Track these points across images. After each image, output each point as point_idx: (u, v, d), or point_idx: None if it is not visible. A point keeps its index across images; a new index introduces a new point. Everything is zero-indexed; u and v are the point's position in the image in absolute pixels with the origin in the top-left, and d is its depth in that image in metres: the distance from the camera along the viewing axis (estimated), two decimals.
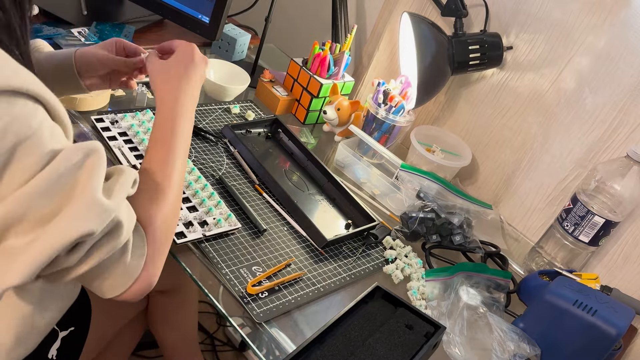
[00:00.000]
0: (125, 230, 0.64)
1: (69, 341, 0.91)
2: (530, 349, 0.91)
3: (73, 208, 0.58)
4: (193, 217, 0.97)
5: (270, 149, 1.26)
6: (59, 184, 0.57)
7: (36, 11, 1.31)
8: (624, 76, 1.13)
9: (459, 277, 1.03)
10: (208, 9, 1.35)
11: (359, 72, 1.59)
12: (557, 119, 1.24)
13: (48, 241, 0.57)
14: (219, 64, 1.38)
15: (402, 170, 1.21)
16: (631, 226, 1.15)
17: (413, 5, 1.42)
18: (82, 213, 0.58)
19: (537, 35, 1.24)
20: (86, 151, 0.60)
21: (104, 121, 1.10)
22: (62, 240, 0.57)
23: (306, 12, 1.78)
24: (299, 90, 1.39)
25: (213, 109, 1.31)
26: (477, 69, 1.30)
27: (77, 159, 0.58)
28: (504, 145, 1.34)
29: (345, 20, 1.51)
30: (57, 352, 0.88)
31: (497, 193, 1.37)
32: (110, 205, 0.60)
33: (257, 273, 0.93)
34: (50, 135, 0.58)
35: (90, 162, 0.60)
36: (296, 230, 1.06)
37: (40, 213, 0.57)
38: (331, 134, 1.40)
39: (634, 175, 1.07)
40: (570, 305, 0.91)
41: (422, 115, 1.48)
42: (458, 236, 1.13)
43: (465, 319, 0.95)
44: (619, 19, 1.13)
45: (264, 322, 0.86)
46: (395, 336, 0.86)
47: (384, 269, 1.05)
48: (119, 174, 0.66)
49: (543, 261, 1.18)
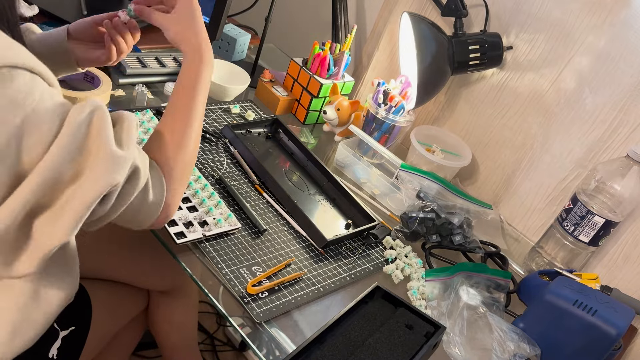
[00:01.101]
0: (142, 173, 0.70)
1: (70, 340, 0.91)
2: (530, 349, 0.91)
3: (95, 165, 0.63)
4: (193, 217, 0.96)
5: (270, 149, 1.26)
6: (75, 145, 0.62)
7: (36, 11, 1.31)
8: (624, 76, 1.13)
9: (459, 277, 1.03)
10: (208, 9, 1.35)
11: (359, 72, 1.59)
12: (557, 119, 1.24)
13: (82, 197, 0.63)
14: (219, 64, 1.38)
15: (402, 170, 1.21)
16: (631, 226, 1.15)
17: (413, 5, 1.42)
18: (105, 167, 0.64)
19: (537, 35, 1.24)
20: (91, 107, 0.64)
21: None
22: (94, 194, 0.63)
23: (306, 12, 1.78)
24: (299, 90, 1.39)
25: (213, 109, 1.31)
26: (477, 69, 1.30)
27: (84, 116, 0.63)
28: (504, 145, 1.34)
29: (345, 20, 1.51)
30: (58, 352, 0.88)
31: (497, 193, 1.37)
32: (126, 155, 0.66)
33: (257, 273, 0.93)
34: (53, 100, 0.63)
35: (97, 118, 0.64)
36: (296, 230, 1.06)
37: (68, 175, 0.63)
38: (331, 134, 1.40)
39: (634, 175, 1.07)
40: (570, 305, 0.91)
41: (422, 115, 1.48)
42: (458, 236, 1.13)
43: (465, 319, 0.95)
44: (619, 19, 1.13)
45: (264, 322, 0.86)
46: (395, 336, 0.86)
47: (384, 269, 1.05)
48: (122, 121, 0.70)
49: (543, 261, 1.18)
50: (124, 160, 0.66)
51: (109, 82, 1.19)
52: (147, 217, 0.76)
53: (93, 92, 1.13)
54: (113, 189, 0.66)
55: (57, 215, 0.63)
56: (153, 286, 1.20)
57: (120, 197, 0.68)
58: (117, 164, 0.65)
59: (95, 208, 0.65)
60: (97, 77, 1.18)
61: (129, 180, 0.68)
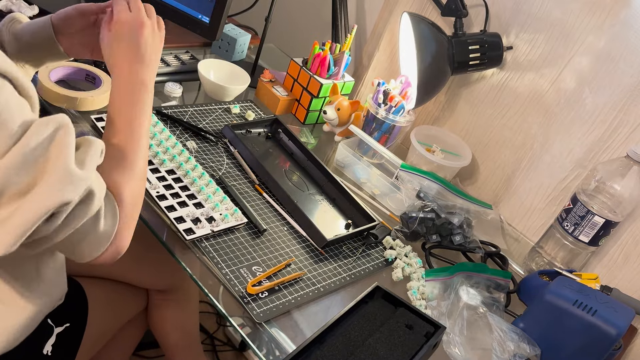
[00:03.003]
0: (97, 198, 0.67)
1: (65, 338, 0.91)
2: (530, 349, 0.91)
3: (49, 180, 0.60)
4: (200, 213, 0.98)
5: (270, 149, 1.26)
6: (33, 157, 0.60)
7: (36, 11, 1.31)
8: (624, 76, 1.13)
9: (459, 277, 1.03)
10: (208, 9, 1.35)
11: (359, 72, 1.59)
12: (557, 119, 1.24)
13: (28, 212, 0.59)
14: (219, 64, 1.38)
15: (402, 170, 1.21)
16: (631, 226, 1.15)
17: (413, 5, 1.42)
18: (58, 184, 0.61)
19: (537, 35, 1.24)
20: (56, 125, 0.62)
21: (104, 120, 1.10)
22: (41, 210, 0.60)
23: (306, 12, 1.78)
24: (299, 90, 1.39)
25: (213, 109, 1.31)
26: (477, 69, 1.30)
27: (48, 132, 0.61)
28: (504, 145, 1.34)
29: (345, 20, 1.51)
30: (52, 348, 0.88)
31: (497, 193, 1.37)
32: (83, 175, 0.63)
33: (257, 273, 0.93)
34: (19, 110, 0.60)
35: (60, 134, 0.62)
36: (296, 230, 1.06)
37: (18, 186, 0.60)
38: (331, 134, 1.40)
39: (634, 175, 1.07)
40: (570, 305, 0.91)
41: (422, 115, 1.48)
42: (458, 236, 1.13)
43: (465, 319, 0.95)
44: (619, 19, 1.13)
45: (264, 322, 0.86)
46: (395, 336, 0.86)
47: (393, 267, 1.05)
48: (88, 144, 0.68)
49: (543, 261, 1.18)
50: (79, 180, 0.63)
51: (110, 82, 1.19)
52: (93, 248, 0.70)
53: (94, 92, 1.13)
54: (62, 209, 0.62)
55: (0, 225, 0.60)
56: (151, 285, 1.20)
57: (68, 219, 0.64)
58: (72, 182, 0.62)
59: (39, 226, 0.61)
60: (98, 77, 1.18)
61: (81, 202, 0.65)
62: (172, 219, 0.95)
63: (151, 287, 1.22)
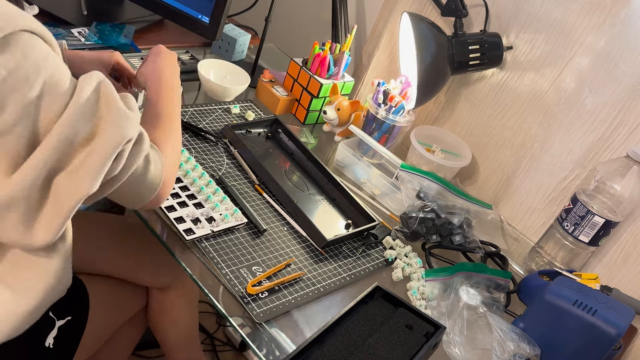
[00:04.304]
0: (146, 140, 0.75)
1: (66, 330, 0.91)
2: (530, 349, 0.91)
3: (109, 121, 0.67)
4: (200, 213, 0.98)
5: (270, 149, 1.26)
6: (89, 105, 0.66)
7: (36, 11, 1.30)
8: (624, 76, 1.13)
9: (458, 277, 1.03)
10: (208, 9, 1.35)
11: (359, 72, 1.59)
12: (557, 119, 1.24)
13: (100, 152, 0.67)
14: (219, 64, 1.38)
15: (402, 170, 1.21)
16: (631, 226, 1.15)
17: (413, 5, 1.42)
18: (118, 123, 0.68)
19: (537, 35, 1.24)
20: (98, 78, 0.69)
21: None
22: (111, 147, 0.67)
23: (306, 12, 1.78)
24: (299, 90, 1.39)
25: (213, 109, 1.31)
26: (477, 69, 1.30)
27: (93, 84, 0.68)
28: (504, 145, 1.34)
29: (345, 20, 1.51)
30: (54, 341, 0.88)
31: (497, 193, 1.37)
32: (134, 115, 0.71)
33: (257, 273, 0.93)
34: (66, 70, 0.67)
35: (104, 85, 0.69)
36: (296, 230, 1.06)
37: (84, 133, 0.66)
38: (331, 134, 1.40)
39: (634, 175, 1.07)
40: (570, 305, 0.91)
41: (422, 115, 1.48)
42: (458, 236, 1.13)
43: (465, 319, 0.95)
44: (619, 19, 1.12)
45: (264, 322, 0.86)
46: (395, 336, 0.86)
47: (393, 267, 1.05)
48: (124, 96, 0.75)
49: (543, 261, 1.18)
50: (133, 118, 0.70)
51: None
52: (147, 192, 0.79)
53: None
54: (126, 146, 0.70)
55: (77, 171, 0.66)
56: (150, 282, 1.20)
57: (131, 157, 0.72)
58: (128, 120, 0.69)
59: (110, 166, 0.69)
60: None
61: (136, 142, 0.73)
62: (172, 219, 0.95)
63: (149, 284, 1.22)
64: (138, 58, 1.33)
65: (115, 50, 1.34)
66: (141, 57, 1.34)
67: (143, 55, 1.35)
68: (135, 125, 0.72)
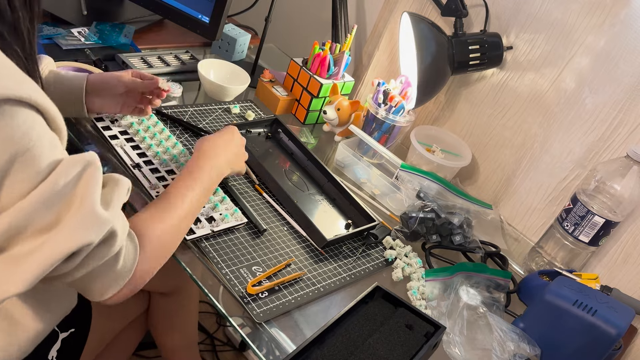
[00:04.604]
0: (119, 239, 0.66)
1: (69, 342, 0.91)
2: (530, 349, 0.91)
3: (73, 219, 0.60)
4: (200, 213, 0.97)
5: (270, 149, 1.26)
6: (58, 196, 0.59)
7: None
8: (624, 76, 1.13)
9: (458, 277, 1.03)
10: (208, 9, 1.35)
11: (359, 72, 1.59)
12: (557, 119, 1.24)
13: (49, 250, 0.59)
14: (219, 64, 1.38)
15: (402, 170, 1.21)
16: (631, 226, 1.15)
17: (413, 5, 1.42)
18: (82, 224, 0.60)
19: (537, 35, 1.24)
20: (84, 163, 0.62)
21: (104, 120, 1.10)
22: (63, 249, 0.59)
23: (306, 12, 1.78)
24: (299, 90, 1.39)
25: (213, 109, 1.31)
26: (477, 69, 1.30)
27: (75, 171, 0.61)
28: (504, 145, 1.34)
29: (345, 20, 1.51)
30: (57, 353, 0.88)
31: (497, 193, 1.37)
32: (108, 217, 0.63)
33: (257, 273, 0.93)
34: (50, 147, 0.60)
35: (87, 174, 0.62)
36: (296, 230, 1.06)
37: (42, 223, 0.59)
38: (331, 134, 1.40)
39: (634, 175, 1.07)
40: (570, 305, 0.91)
41: (422, 115, 1.48)
42: (458, 236, 1.13)
43: (465, 319, 0.95)
44: (619, 19, 1.12)
45: (264, 322, 0.86)
46: (395, 336, 0.86)
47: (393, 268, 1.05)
48: (115, 183, 0.68)
49: (543, 261, 1.18)
50: (103, 222, 0.62)
51: None
52: (108, 287, 0.70)
53: None
54: (84, 249, 0.62)
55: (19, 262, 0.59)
56: (154, 288, 1.20)
57: (87, 258, 0.64)
58: (96, 224, 0.61)
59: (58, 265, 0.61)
60: None
61: (102, 243, 0.64)
62: None
63: (153, 289, 1.22)
64: (138, 58, 1.33)
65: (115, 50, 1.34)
66: (141, 57, 1.34)
67: (143, 55, 1.35)
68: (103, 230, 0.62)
